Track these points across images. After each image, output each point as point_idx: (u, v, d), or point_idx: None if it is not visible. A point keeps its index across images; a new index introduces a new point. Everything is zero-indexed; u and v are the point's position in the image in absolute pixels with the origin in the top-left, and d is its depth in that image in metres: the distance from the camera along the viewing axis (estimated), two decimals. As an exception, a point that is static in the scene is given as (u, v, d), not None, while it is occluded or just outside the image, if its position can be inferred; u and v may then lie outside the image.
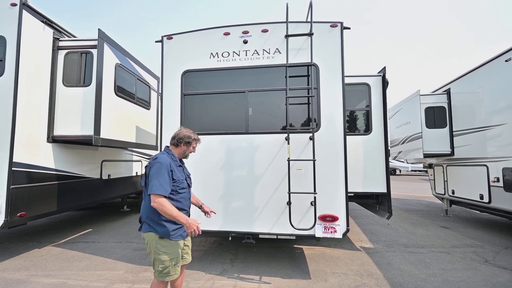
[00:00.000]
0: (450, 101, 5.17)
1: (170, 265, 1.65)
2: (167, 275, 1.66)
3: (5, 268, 2.90)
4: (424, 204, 7.34)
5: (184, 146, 1.81)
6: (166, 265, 1.64)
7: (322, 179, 2.70)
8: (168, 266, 1.65)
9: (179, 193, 1.71)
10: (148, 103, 5.09)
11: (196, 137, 1.86)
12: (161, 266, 1.65)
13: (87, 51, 3.63)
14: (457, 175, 5.05)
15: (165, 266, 1.64)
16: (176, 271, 1.69)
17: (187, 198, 1.80)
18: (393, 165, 17.56)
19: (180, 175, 1.75)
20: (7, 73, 2.98)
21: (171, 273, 1.66)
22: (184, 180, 1.77)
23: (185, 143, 1.80)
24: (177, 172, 1.72)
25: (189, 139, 1.81)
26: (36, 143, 3.26)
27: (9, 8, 3.04)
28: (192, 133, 1.86)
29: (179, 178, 1.72)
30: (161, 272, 1.66)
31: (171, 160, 1.72)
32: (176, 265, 1.68)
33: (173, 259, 1.66)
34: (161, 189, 1.58)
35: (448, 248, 3.63)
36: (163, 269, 1.65)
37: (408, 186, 12.00)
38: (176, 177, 1.70)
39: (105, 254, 3.33)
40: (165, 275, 1.66)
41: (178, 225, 1.68)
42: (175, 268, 1.68)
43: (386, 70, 3.85)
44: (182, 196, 1.74)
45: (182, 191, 1.74)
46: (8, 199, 2.83)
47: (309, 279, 2.67)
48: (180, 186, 1.72)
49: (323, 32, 2.88)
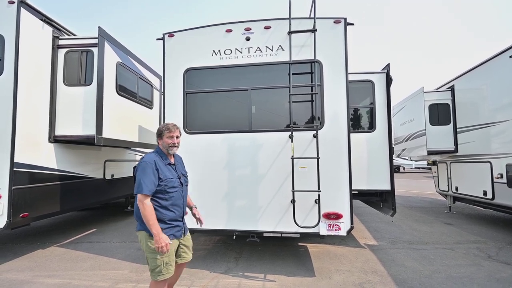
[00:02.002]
0: (454, 98, 5.13)
1: (162, 263, 1.62)
2: (159, 274, 1.63)
3: (9, 269, 2.89)
4: (427, 201, 7.34)
5: (160, 140, 1.77)
6: (158, 263, 1.62)
7: (326, 176, 2.68)
8: (159, 265, 1.62)
9: (168, 192, 1.67)
10: (151, 102, 5.06)
11: (165, 127, 1.74)
12: (152, 265, 1.64)
13: (88, 50, 3.59)
14: (460, 172, 5.03)
15: (157, 264, 1.62)
16: (168, 270, 1.65)
17: (179, 197, 1.74)
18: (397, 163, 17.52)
19: (169, 174, 1.70)
20: (6, 72, 2.95)
21: (163, 272, 1.63)
22: (175, 179, 1.72)
23: (159, 137, 1.76)
24: (165, 171, 1.69)
25: (160, 131, 1.75)
26: (37, 143, 3.24)
27: (7, 6, 2.99)
28: (164, 124, 1.79)
29: (167, 177, 1.68)
30: (153, 271, 1.65)
31: (158, 159, 1.69)
32: (168, 264, 1.64)
33: (165, 257, 1.62)
34: (145, 189, 1.58)
35: (451, 245, 3.63)
36: (154, 267, 1.63)
37: (412, 183, 11.99)
38: (163, 176, 1.66)
39: (109, 254, 3.33)
40: (157, 274, 1.63)
41: (168, 224, 1.67)
42: (167, 267, 1.64)
43: (390, 67, 3.81)
44: (172, 196, 1.69)
45: (172, 190, 1.69)
46: (10, 200, 2.82)
47: (314, 276, 2.67)
48: (169, 185, 1.67)
49: (327, 28, 2.84)
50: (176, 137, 1.76)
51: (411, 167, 17.95)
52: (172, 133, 1.74)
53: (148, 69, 4.99)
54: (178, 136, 1.78)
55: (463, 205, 6.24)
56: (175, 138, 1.75)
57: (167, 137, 1.73)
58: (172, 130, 1.74)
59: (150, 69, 5.08)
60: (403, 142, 6.03)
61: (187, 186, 1.88)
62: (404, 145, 5.97)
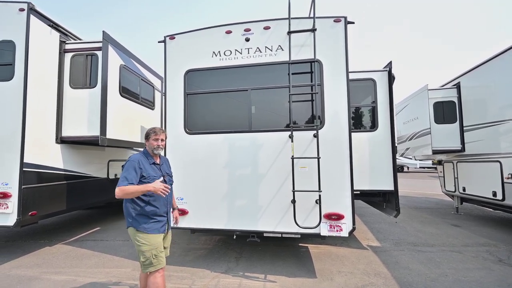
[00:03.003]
0: (460, 95, 5.00)
1: (151, 255, 1.77)
2: (150, 265, 1.77)
3: (19, 265, 3.00)
4: (433, 202, 7.15)
5: (147, 142, 1.93)
6: (147, 255, 1.77)
7: (327, 177, 2.66)
8: (149, 257, 1.77)
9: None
10: (152, 103, 5.15)
11: (154, 130, 1.93)
12: (143, 258, 1.78)
13: (93, 53, 3.70)
14: (468, 172, 4.88)
15: (146, 257, 1.77)
16: (159, 261, 1.79)
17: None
18: (401, 162, 17.16)
19: (152, 172, 1.85)
20: (17, 76, 3.07)
21: (153, 263, 1.77)
22: (158, 177, 1.86)
23: (146, 139, 1.93)
24: (149, 169, 1.84)
25: (147, 134, 1.93)
26: (45, 144, 3.35)
27: (18, 14, 3.12)
28: (151, 128, 1.96)
29: (150, 175, 1.82)
30: (144, 263, 1.79)
31: (142, 159, 1.85)
32: (157, 256, 1.79)
33: (153, 250, 1.77)
34: (125, 182, 1.71)
35: (459, 247, 3.52)
36: (145, 260, 1.78)
37: (416, 183, 11.73)
38: (147, 174, 1.81)
39: (113, 252, 3.40)
40: (148, 265, 1.78)
41: (152, 219, 1.82)
42: (157, 259, 1.78)
43: (392, 64, 3.75)
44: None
45: None
46: (20, 198, 2.93)
47: (315, 278, 2.65)
48: (151, 182, 1.79)
49: (326, 27, 2.82)
50: (161, 140, 1.92)
51: (416, 167, 17.55)
52: (158, 136, 1.90)
53: (150, 71, 5.09)
54: (163, 139, 1.95)
55: (471, 206, 6.05)
56: (160, 140, 1.91)
57: (153, 139, 1.90)
58: (158, 133, 1.91)
59: (152, 70, 5.17)
60: (406, 141, 5.90)
61: (172, 185, 2.01)
62: (408, 144, 5.84)
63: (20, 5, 3.13)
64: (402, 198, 7.51)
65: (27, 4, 3.12)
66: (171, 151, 3.05)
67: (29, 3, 3.12)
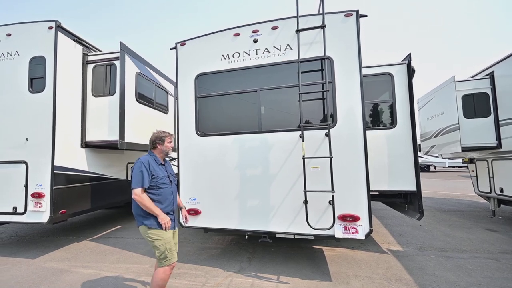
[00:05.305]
0: (494, 86, 4.50)
1: (165, 249, 1.88)
2: (165, 259, 1.89)
3: (52, 259, 3.30)
4: (464, 204, 6.53)
5: (160, 145, 2.05)
6: (161, 250, 1.88)
7: (341, 176, 2.55)
8: (163, 251, 1.88)
9: (159, 187, 1.95)
10: (166, 107, 5.37)
11: (166, 134, 2.07)
12: (158, 253, 1.89)
13: (111, 63, 3.96)
14: (506, 171, 4.37)
15: (161, 251, 1.88)
16: (172, 255, 1.91)
17: (168, 192, 2.01)
18: (426, 161, 15.94)
19: (161, 173, 1.99)
20: (47, 88, 3.39)
21: (168, 257, 1.89)
22: (166, 177, 2.01)
23: (160, 142, 2.05)
24: (158, 170, 1.97)
25: (162, 137, 2.05)
26: (72, 149, 3.66)
27: (47, 31, 3.45)
28: (162, 132, 2.10)
29: (159, 175, 1.96)
30: (159, 257, 1.90)
31: (151, 160, 1.98)
32: (171, 250, 1.91)
33: (166, 244, 1.89)
34: (140, 184, 1.85)
35: (496, 254, 3.17)
36: (160, 254, 1.88)
37: (444, 183, 10.78)
38: (156, 174, 1.94)
39: (133, 249, 3.60)
40: (163, 260, 1.89)
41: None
42: (171, 252, 1.90)
43: (411, 57, 3.50)
44: (162, 191, 1.97)
45: (163, 186, 1.97)
46: (52, 198, 3.23)
47: (330, 281, 2.55)
48: (160, 182, 1.95)
49: (337, 23, 2.72)
50: (172, 143, 2.13)
51: (444, 166, 16.14)
52: (171, 139, 2.11)
53: (163, 77, 5.30)
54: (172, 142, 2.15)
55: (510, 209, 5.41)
56: (172, 143, 2.12)
57: (168, 142, 2.07)
58: (172, 137, 2.11)
59: (165, 76, 5.39)
60: (431, 138, 5.44)
61: (176, 185, 2.17)
62: (433, 141, 5.38)
63: (49, 23, 3.45)
64: (428, 199, 6.96)
65: (55, 22, 3.43)
66: (184, 153, 3.15)
67: (56, 21, 3.44)
